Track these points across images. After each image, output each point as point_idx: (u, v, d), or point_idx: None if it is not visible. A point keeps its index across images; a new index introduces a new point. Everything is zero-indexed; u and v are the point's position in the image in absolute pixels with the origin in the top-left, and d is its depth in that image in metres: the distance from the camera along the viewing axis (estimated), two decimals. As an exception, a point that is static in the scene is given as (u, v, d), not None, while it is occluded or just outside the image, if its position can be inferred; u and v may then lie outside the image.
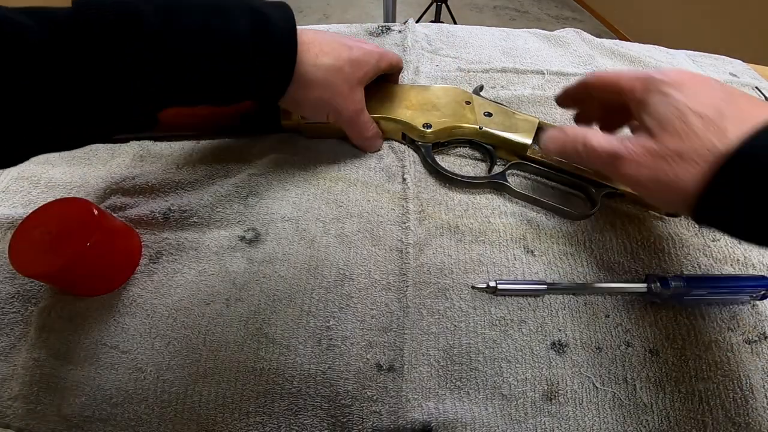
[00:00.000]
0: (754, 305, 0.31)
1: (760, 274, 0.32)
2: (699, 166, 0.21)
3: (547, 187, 0.37)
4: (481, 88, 0.41)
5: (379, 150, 0.38)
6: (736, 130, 0.20)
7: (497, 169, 0.36)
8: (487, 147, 0.37)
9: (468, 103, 0.38)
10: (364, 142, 0.37)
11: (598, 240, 0.33)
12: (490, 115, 0.37)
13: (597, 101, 0.31)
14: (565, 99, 0.34)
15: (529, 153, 0.35)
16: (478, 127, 0.36)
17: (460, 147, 0.39)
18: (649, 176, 0.23)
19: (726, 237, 0.34)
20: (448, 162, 0.38)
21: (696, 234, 0.34)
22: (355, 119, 0.34)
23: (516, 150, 0.36)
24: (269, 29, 0.25)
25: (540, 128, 0.36)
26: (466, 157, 0.39)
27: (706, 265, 0.32)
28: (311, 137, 0.39)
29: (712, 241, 0.34)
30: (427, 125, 0.36)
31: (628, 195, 0.33)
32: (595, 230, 0.34)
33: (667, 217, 0.34)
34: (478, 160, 0.39)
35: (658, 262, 0.32)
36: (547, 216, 0.34)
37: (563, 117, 0.43)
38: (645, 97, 0.24)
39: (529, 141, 0.35)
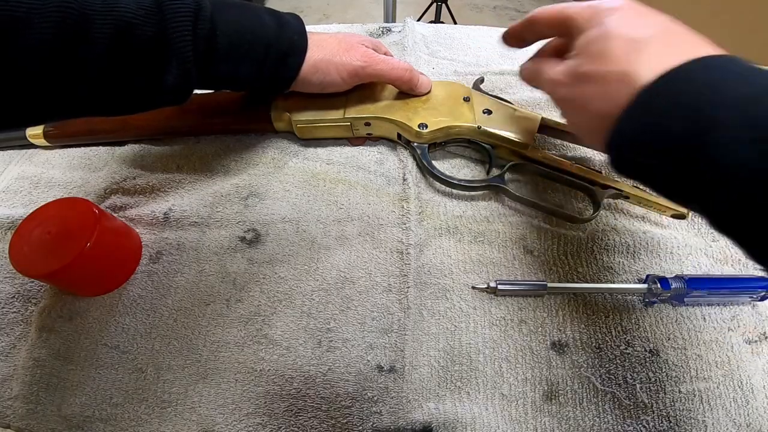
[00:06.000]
0: (754, 305, 0.31)
1: (760, 275, 0.32)
2: (614, 91, 0.20)
3: (548, 189, 0.37)
4: (482, 80, 0.39)
5: (428, 91, 0.37)
6: (658, 59, 0.19)
7: (496, 171, 0.35)
8: (486, 146, 0.36)
9: (467, 99, 0.36)
10: (404, 72, 0.34)
11: (598, 240, 0.33)
12: (489, 112, 0.35)
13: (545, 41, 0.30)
14: (510, 38, 0.31)
15: (530, 153, 0.34)
16: (476, 126, 0.35)
17: (458, 146, 0.38)
18: (565, 96, 0.23)
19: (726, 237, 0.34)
20: (446, 163, 0.38)
21: (697, 234, 0.34)
22: (372, 59, 0.33)
23: (516, 150, 0.35)
24: (287, 25, 0.30)
25: (543, 126, 0.35)
26: (464, 157, 0.38)
27: (706, 266, 0.32)
28: (304, 138, 0.38)
29: (713, 241, 0.34)
30: (423, 125, 0.34)
31: (633, 196, 0.33)
32: (596, 230, 0.34)
33: (669, 218, 0.34)
34: (477, 161, 0.38)
35: (658, 262, 0.32)
36: (547, 216, 0.34)
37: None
38: (586, 24, 0.23)
39: (530, 140, 0.34)
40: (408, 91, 0.36)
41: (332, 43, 0.32)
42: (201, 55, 0.26)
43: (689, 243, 0.33)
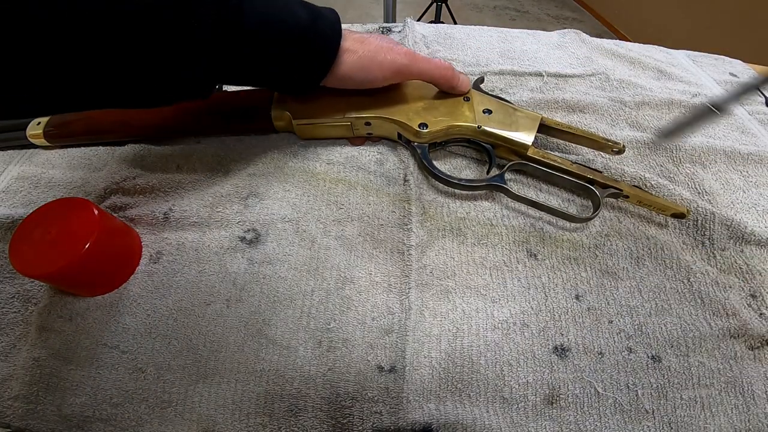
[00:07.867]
0: (761, 313, 0.30)
1: None
2: None
3: (549, 188, 0.37)
4: (482, 80, 0.39)
5: (466, 91, 0.36)
6: None
7: (496, 170, 0.35)
8: (486, 146, 0.36)
9: (467, 99, 0.36)
10: (446, 71, 0.34)
11: (600, 245, 0.33)
12: (489, 112, 0.35)
13: None
14: None
15: (530, 153, 0.34)
16: (476, 126, 0.35)
17: (458, 146, 0.38)
18: None
19: (731, 244, 0.34)
20: (446, 163, 0.38)
21: (697, 236, 0.34)
22: (415, 57, 0.33)
23: (517, 150, 0.35)
24: (322, 18, 0.29)
25: (543, 125, 0.35)
26: (465, 157, 0.38)
27: (711, 271, 0.32)
28: (304, 138, 0.38)
29: (721, 250, 0.33)
30: (423, 125, 0.34)
31: (632, 196, 0.33)
32: (600, 234, 0.34)
33: (671, 218, 0.34)
34: (477, 160, 0.38)
35: (662, 268, 0.32)
36: (551, 219, 0.34)
37: (565, 118, 0.42)
38: None
39: (530, 140, 0.34)
40: (449, 90, 0.36)
41: (374, 41, 0.32)
42: (223, 42, 0.24)
43: (691, 244, 0.33)
